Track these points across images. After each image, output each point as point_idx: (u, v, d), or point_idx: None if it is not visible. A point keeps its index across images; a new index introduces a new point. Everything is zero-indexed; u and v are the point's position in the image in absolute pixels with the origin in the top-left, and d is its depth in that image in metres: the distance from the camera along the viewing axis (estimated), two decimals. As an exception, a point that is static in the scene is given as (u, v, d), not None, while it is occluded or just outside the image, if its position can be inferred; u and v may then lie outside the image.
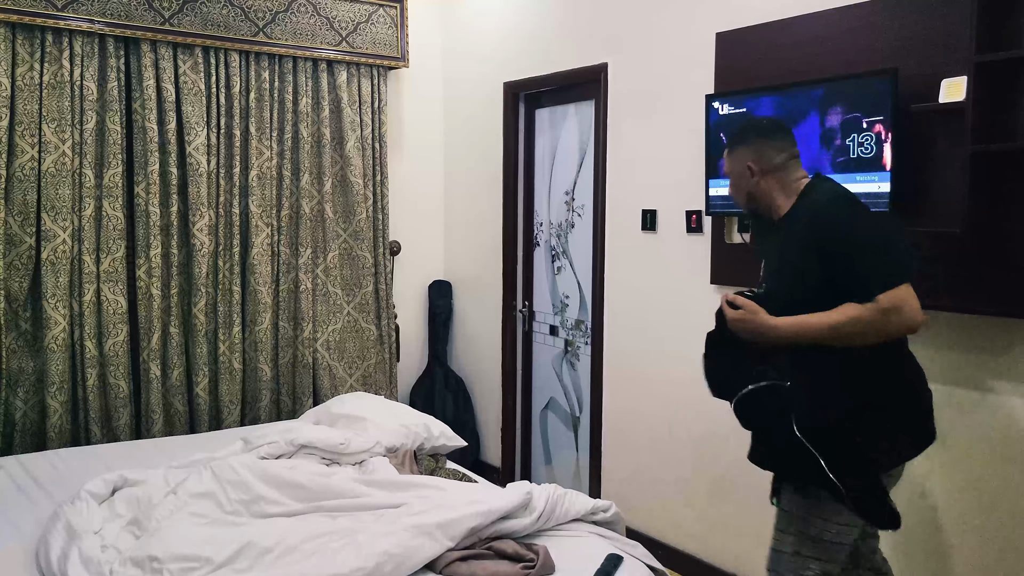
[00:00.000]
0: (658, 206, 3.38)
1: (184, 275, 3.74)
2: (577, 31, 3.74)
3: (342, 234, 4.14)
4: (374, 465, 2.83)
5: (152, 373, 3.62)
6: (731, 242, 3.09)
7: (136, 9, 3.48)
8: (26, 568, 2.20)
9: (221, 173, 3.78)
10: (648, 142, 3.41)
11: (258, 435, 3.00)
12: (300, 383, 4.02)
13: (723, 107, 2.90)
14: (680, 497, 3.36)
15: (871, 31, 2.59)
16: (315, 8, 3.94)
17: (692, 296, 3.25)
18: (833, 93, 2.57)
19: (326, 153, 4.04)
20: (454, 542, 2.22)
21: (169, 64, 3.61)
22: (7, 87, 3.27)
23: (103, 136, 3.51)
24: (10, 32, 3.27)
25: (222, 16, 3.69)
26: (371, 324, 4.22)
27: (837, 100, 2.56)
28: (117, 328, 3.54)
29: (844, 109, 2.55)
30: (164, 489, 2.57)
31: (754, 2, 2.95)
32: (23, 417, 3.41)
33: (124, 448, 3.26)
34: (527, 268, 4.25)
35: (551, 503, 2.43)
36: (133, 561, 2.10)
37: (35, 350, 3.43)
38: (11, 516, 2.53)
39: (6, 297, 3.33)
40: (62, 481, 2.80)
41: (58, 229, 3.39)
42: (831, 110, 2.58)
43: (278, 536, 2.23)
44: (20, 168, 3.31)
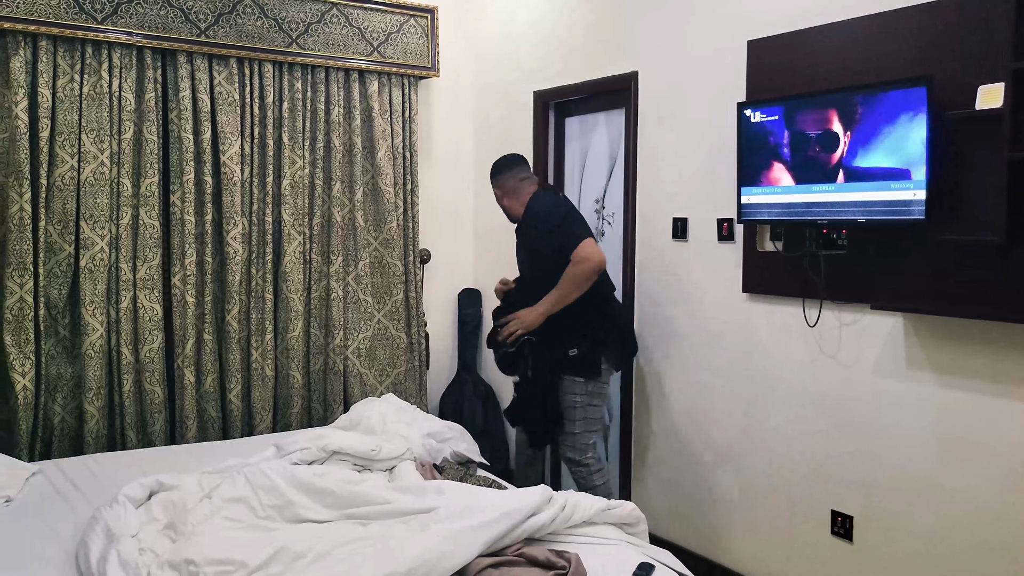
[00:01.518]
0: (689, 214, 3.38)
1: (218, 283, 3.79)
2: (607, 40, 3.74)
3: (373, 242, 4.17)
4: (402, 471, 2.85)
5: (186, 379, 3.67)
6: (763, 250, 3.08)
7: (173, 22, 3.54)
8: (66, 570, 2.24)
9: (254, 182, 3.83)
10: (679, 150, 3.41)
11: (290, 441, 3.02)
12: (331, 390, 4.05)
13: (755, 115, 2.89)
14: (708, 506, 3.34)
15: (905, 38, 2.57)
16: (347, 19, 3.99)
17: (723, 305, 3.24)
18: (866, 100, 2.56)
19: (357, 162, 4.07)
20: (485, 547, 2.22)
21: (205, 75, 3.67)
22: (48, 98, 3.34)
23: (140, 146, 3.57)
24: (51, 45, 3.35)
25: (256, 28, 3.74)
26: (401, 332, 4.25)
27: (870, 107, 2.54)
28: (153, 335, 3.59)
29: (878, 116, 2.53)
30: (199, 494, 2.60)
31: (786, 10, 2.95)
32: (61, 422, 3.47)
33: (159, 453, 3.30)
34: (556, 276, 4.24)
35: (571, 499, 2.44)
36: (170, 564, 2.13)
37: (73, 356, 3.49)
38: (50, 519, 2.57)
39: (46, 304, 3.40)
40: (99, 485, 2.84)
41: (96, 237, 3.46)
42: (864, 117, 2.57)
43: (310, 541, 2.25)
44: (60, 177, 3.38)
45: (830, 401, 2.89)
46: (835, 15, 2.78)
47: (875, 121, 2.54)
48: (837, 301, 2.83)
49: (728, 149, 3.11)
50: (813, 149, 2.73)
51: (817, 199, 2.72)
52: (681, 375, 3.44)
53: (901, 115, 2.47)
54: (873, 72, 2.64)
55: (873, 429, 2.76)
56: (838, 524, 2.87)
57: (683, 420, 3.44)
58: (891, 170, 2.52)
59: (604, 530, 2.46)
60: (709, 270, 3.30)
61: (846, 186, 2.64)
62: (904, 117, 2.46)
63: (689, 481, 3.43)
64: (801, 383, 2.98)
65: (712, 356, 3.30)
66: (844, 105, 2.62)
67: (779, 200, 2.84)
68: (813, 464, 2.95)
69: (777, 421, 3.07)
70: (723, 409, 3.27)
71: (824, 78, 2.79)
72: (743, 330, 3.18)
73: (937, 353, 2.57)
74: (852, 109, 2.60)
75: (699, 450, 3.38)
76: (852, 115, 2.60)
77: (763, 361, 3.11)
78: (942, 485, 2.57)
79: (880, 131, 2.53)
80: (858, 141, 2.60)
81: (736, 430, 3.22)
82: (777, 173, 2.85)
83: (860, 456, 2.80)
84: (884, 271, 2.66)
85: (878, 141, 2.54)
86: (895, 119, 2.49)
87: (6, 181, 3.29)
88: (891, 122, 2.50)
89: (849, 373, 2.82)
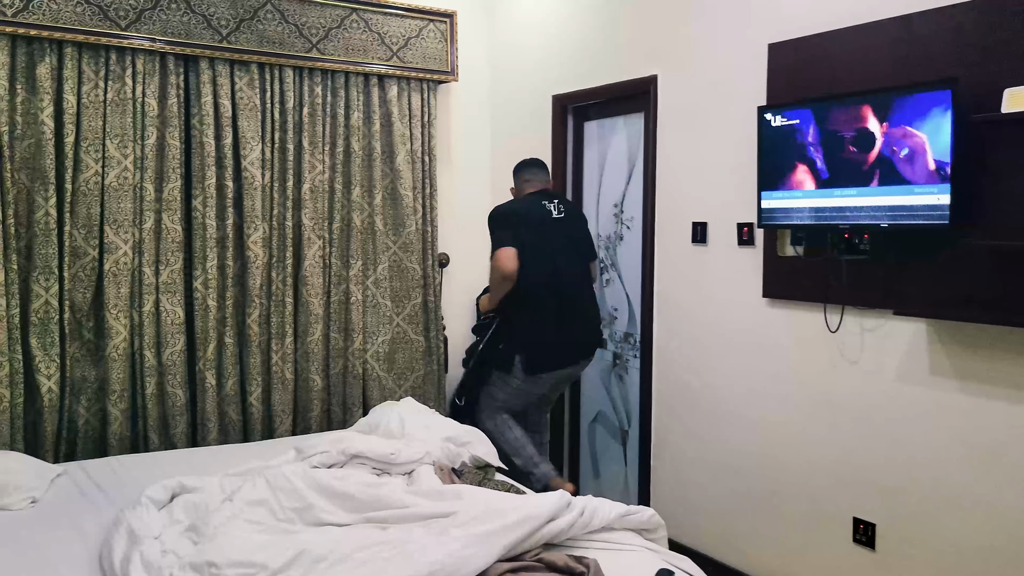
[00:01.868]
0: (708, 218, 3.37)
1: (239, 286, 3.82)
2: (626, 44, 3.74)
3: (392, 246, 4.19)
4: (421, 475, 2.85)
5: (208, 382, 3.70)
6: (784, 255, 3.06)
7: (195, 28, 3.58)
8: (90, 570, 2.27)
9: (275, 187, 3.86)
10: (698, 154, 3.40)
11: (310, 444, 3.04)
12: (350, 393, 4.07)
13: (776, 118, 2.88)
14: (729, 513, 3.33)
15: (928, 41, 2.55)
16: (367, 24, 4.01)
17: (743, 309, 3.22)
18: (889, 104, 2.54)
19: (376, 166, 4.09)
20: (504, 551, 2.22)
21: (226, 81, 3.70)
22: (73, 104, 3.38)
23: (163, 151, 3.61)
24: (76, 51, 3.39)
25: (277, 33, 3.77)
26: (420, 335, 4.26)
27: (894, 111, 2.53)
28: (175, 338, 3.63)
29: (901, 120, 2.51)
30: (220, 496, 2.62)
31: (807, 13, 2.93)
32: (85, 424, 3.51)
33: (181, 455, 3.33)
34: (575, 280, 4.24)
35: (590, 504, 2.44)
36: (192, 566, 2.15)
37: (97, 359, 3.53)
38: (75, 519, 2.60)
39: (71, 307, 3.44)
40: (123, 487, 2.87)
41: (120, 241, 3.49)
42: (887, 121, 2.55)
43: (331, 545, 2.26)
44: (85, 183, 3.42)
45: (852, 407, 2.87)
46: (857, 18, 2.76)
47: (898, 124, 2.52)
48: (859, 306, 2.81)
49: (748, 153, 3.10)
50: (835, 153, 2.71)
51: (839, 203, 2.71)
52: (700, 380, 3.43)
53: (925, 118, 2.45)
54: (896, 75, 2.62)
55: (896, 436, 2.74)
56: (860, 532, 2.85)
57: (703, 425, 3.43)
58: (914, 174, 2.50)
59: (623, 536, 2.45)
60: (729, 275, 3.29)
61: (868, 190, 2.62)
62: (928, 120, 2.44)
63: (708, 487, 3.42)
64: (822, 389, 2.96)
65: (732, 361, 3.29)
66: (867, 109, 2.60)
67: (800, 204, 2.83)
68: (835, 471, 2.93)
69: (798, 427, 3.05)
70: (743, 414, 3.25)
71: (846, 82, 2.77)
72: (763, 335, 3.16)
73: (961, 360, 2.55)
74: (874, 112, 2.58)
75: (718, 455, 3.37)
76: (874, 118, 2.58)
77: (784, 366, 3.09)
78: (966, 493, 2.55)
79: (903, 134, 2.51)
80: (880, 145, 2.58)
81: (756, 435, 3.20)
82: (798, 177, 2.83)
83: (883, 463, 2.78)
84: (907, 276, 2.64)
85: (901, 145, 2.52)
86: (918, 122, 2.47)
87: (32, 186, 3.34)
88: (914, 125, 2.48)
89: (871, 379, 2.80)
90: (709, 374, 3.39)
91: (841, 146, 2.69)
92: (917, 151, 2.48)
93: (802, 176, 2.82)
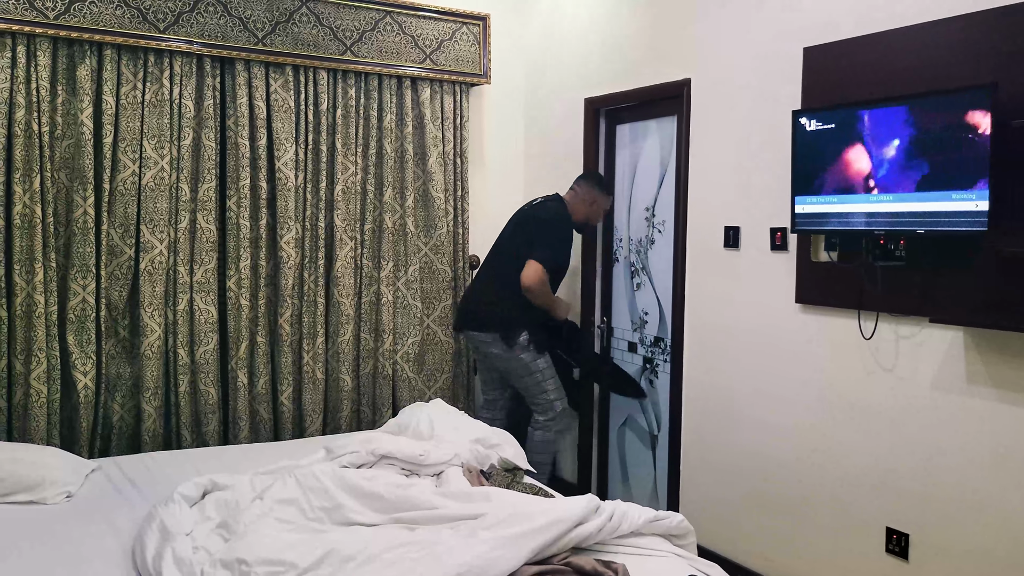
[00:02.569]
0: (741, 223, 3.34)
1: (271, 286, 3.86)
2: (659, 47, 3.73)
3: (423, 248, 4.21)
4: (449, 476, 2.86)
5: (240, 381, 3.74)
6: (817, 260, 3.03)
7: (232, 30, 3.62)
8: (123, 565, 2.30)
9: (308, 188, 3.89)
10: (731, 158, 3.37)
11: (340, 444, 3.06)
12: (380, 394, 4.09)
13: (811, 123, 2.85)
14: (759, 520, 3.29)
15: (967, 45, 2.51)
16: (400, 27, 4.04)
17: (776, 315, 3.19)
18: (927, 108, 2.50)
19: (409, 168, 4.11)
20: (532, 554, 2.22)
21: (261, 83, 3.74)
22: (112, 105, 3.44)
23: (199, 152, 3.65)
24: (116, 53, 3.45)
25: (312, 36, 3.81)
26: (449, 337, 4.27)
27: (931, 115, 2.49)
28: (208, 337, 3.67)
29: (939, 125, 2.47)
30: (251, 494, 2.64)
31: (844, 16, 2.90)
32: (120, 420, 3.56)
33: (213, 453, 3.37)
34: (606, 284, 4.24)
35: (619, 509, 2.43)
36: (223, 563, 2.17)
37: (132, 356, 3.59)
38: (109, 514, 2.64)
39: (107, 305, 3.50)
40: (155, 483, 2.91)
41: (155, 241, 3.55)
42: (924, 125, 2.51)
43: (359, 545, 2.27)
44: (122, 182, 3.48)
45: (886, 415, 2.83)
46: (893, 22, 2.73)
47: (935, 129, 2.48)
48: (894, 313, 2.76)
49: (782, 157, 3.07)
50: (871, 157, 2.68)
51: (874, 208, 2.67)
52: (731, 386, 3.40)
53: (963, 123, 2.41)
54: (934, 80, 2.58)
55: (931, 445, 2.70)
56: (893, 541, 2.81)
57: (734, 431, 3.40)
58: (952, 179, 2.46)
59: (652, 541, 2.44)
60: (761, 280, 3.26)
61: (905, 195, 2.58)
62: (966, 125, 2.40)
63: (739, 493, 3.39)
64: (856, 396, 2.92)
65: (764, 367, 3.26)
66: (904, 113, 2.56)
67: (835, 209, 2.80)
68: (868, 479, 2.89)
69: (830, 433, 3.01)
70: (774, 420, 3.22)
71: (881, 86, 2.73)
72: (796, 341, 3.13)
73: (998, 368, 2.50)
74: (911, 117, 2.54)
75: (749, 461, 3.33)
76: (911, 123, 2.54)
77: (816, 372, 3.06)
78: (1003, 504, 2.50)
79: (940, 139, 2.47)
80: (917, 150, 2.54)
81: (787, 442, 3.17)
82: (833, 182, 2.80)
83: (917, 472, 2.74)
84: (944, 283, 2.60)
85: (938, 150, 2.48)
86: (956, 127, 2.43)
87: (71, 186, 3.40)
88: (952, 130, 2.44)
89: (906, 387, 2.76)
90: (741, 379, 3.36)
91: (877, 151, 2.65)
92: (954, 156, 2.44)
93: (837, 181, 2.79)
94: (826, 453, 3.03)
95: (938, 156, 2.49)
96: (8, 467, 2.77)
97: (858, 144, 2.71)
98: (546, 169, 4.51)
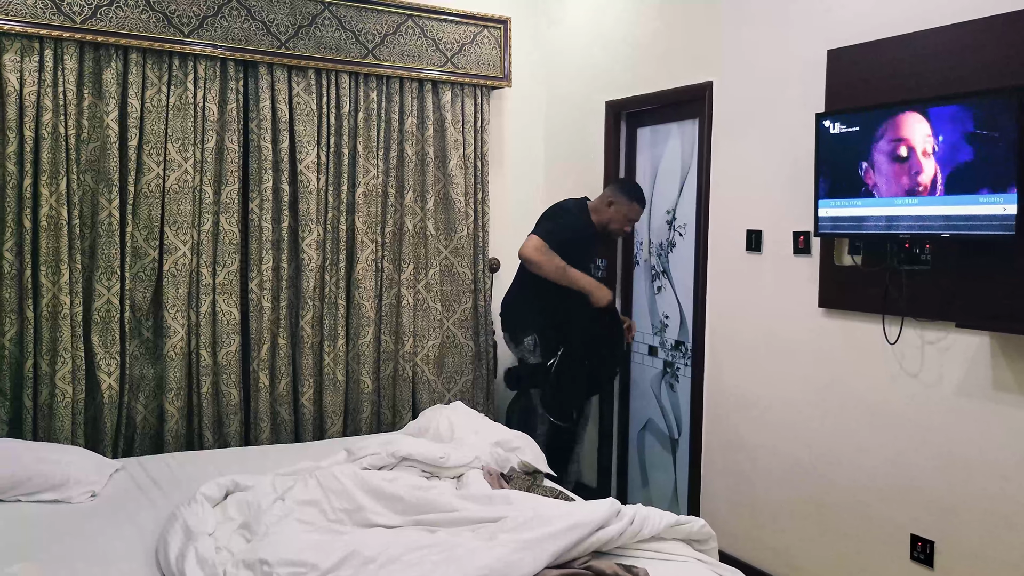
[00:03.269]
0: (763, 226, 3.32)
1: (293, 288, 3.88)
2: (681, 50, 3.71)
3: (443, 251, 4.21)
4: (470, 479, 2.86)
5: (261, 382, 3.76)
6: (841, 264, 3.00)
7: (255, 34, 3.65)
8: (147, 564, 2.32)
9: (329, 190, 3.91)
10: (753, 161, 3.35)
11: (360, 446, 3.07)
12: (400, 396, 4.10)
13: (834, 126, 2.83)
14: (780, 525, 3.27)
15: (995, 47, 2.48)
16: (422, 30, 4.05)
17: (799, 319, 3.17)
18: (952, 111, 2.48)
19: (429, 171, 4.12)
20: (553, 558, 2.21)
21: (284, 86, 3.76)
22: (137, 109, 3.47)
23: (222, 155, 3.68)
24: (141, 57, 3.48)
25: (334, 39, 3.83)
26: (469, 340, 4.27)
27: (958, 119, 2.46)
28: (230, 338, 3.69)
29: (965, 128, 2.45)
30: (272, 495, 2.65)
31: (868, 18, 2.88)
32: (143, 421, 3.59)
33: (234, 454, 3.39)
34: (626, 287, 4.22)
35: (640, 513, 2.41)
36: (245, 563, 2.18)
37: (155, 357, 3.62)
38: (132, 514, 2.67)
39: (131, 307, 3.53)
40: (178, 483, 2.93)
41: (179, 243, 3.58)
42: (951, 129, 2.49)
43: (380, 546, 2.27)
44: (147, 185, 3.51)
45: (911, 421, 2.80)
46: (919, 24, 2.70)
47: (962, 132, 2.46)
48: (919, 318, 2.74)
49: (805, 161, 3.05)
50: (895, 161, 2.65)
51: (899, 212, 2.65)
52: (753, 390, 3.38)
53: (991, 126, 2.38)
54: (961, 82, 2.56)
55: (957, 451, 2.67)
56: (918, 549, 2.78)
57: (755, 435, 3.38)
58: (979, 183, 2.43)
59: (673, 546, 2.42)
60: (784, 284, 3.23)
61: (930, 199, 2.56)
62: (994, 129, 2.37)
63: (760, 498, 3.36)
64: (880, 401, 2.89)
65: (786, 371, 3.23)
66: (929, 117, 2.54)
67: (859, 213, 2.77)
68: (892, 485, 2.86)
69: (854, 439, 2.98)
70: (797, 425, 3.20)
71: (906, 89, 2.71)
72: (819, 345, 3.11)
73: (1026, 374, 2.47)
74: (937, 120, 2.52)
75: (771, 466, 3.31)
76: (937, 126, 2.52)
77: (840, 377, 3.03)
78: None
79: (967, 143, 2.45)
80: (945, 154, 2.51)
81: (810, 447, 3.14)
82: (857, 185, 2.78)
83: (943, 479, 2.71)
84: (971, 288, 2.57)
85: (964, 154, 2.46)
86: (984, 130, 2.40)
87: (97, 188, 3.44)
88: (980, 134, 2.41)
89: (931, 393, 2.73)
90: (762, 384, 3.34)
91: (901, 154, 2.63)
92: (981, 160, 2.42)
93: (861, 184, 2.76)
94: (849, 458, 3.01)
95: (965, 160, 2.46)
96: (34, 466, 2.80)
97: (882, 147, 2.69)
98: (566, 172, 4.51)
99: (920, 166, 2.58)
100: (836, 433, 3.05)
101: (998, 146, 2.37)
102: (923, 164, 2.57)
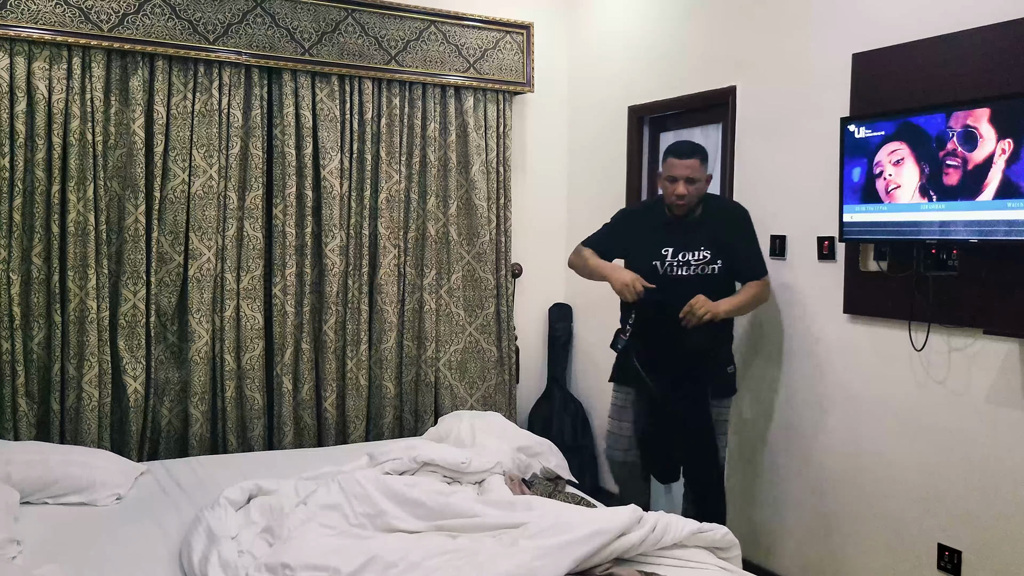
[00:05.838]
0: (787, 232, 3.29)
1: (316, 293, 3.90)
2: (705, 54, 3.69)
3: (466, 256, 4.22)
4: (491, 485, 2.85)
5: (284, 387, 3.79)
6: (866, 270, 2.97)
7: (279, 41, 3.68)
8: (171, 567, 2.34)
9: (352, 196, 3.93)
10: (777, 166, 3.33)
11: (383, 451, 3.07)
12: (422, 401, 4.10)
13: (859, 130, 2.80)
14: (804, 533, 3.23)
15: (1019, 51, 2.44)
16: (445, 36, 4.06)
17: (824, 325, 3.14)
18: (979, 115, 2.44)
19: (452, 177, 4.13)
20: (574, 564, 2.20)
21: (307, 92, 3.79)
22: (163, 115, 3.51)
23: (246, 161, 3.71)
24: (167, 64, 3.52)
25: (357, 46, 3.85)
26: (492, 345, 4.27)
27: (983, 122, 2.43)
28: (254, 343, 3.72)
29: (992, 132, 2.41)
30: (295, 499, 2.67)
31: (894, 22, 2.85)
32: (168, 424, 3.62)
33: (258, 458, 3.41)
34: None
35: (662, 520, 2.39)
36: (267, 567, 2.19)
37: (180, 362, 3.65)
38: (157, 517, 2.69)
39: (156, 311, 3.56)
40: (202, 486, 2.96)
41: (204, 248, 3.61)
42: (976, 133, 2.45)
43: (402, 552, 2.27)
44: (172, 191, 3.55)
45: (938, 428, 2.76)
46: (945, 27, 2.67)
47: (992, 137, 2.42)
48: (946, 325, 2.70)
49: (830, 165, 3.02)
50: (921, 165, 2.62)
51: (925, 217, 2.62)
52: (777, 397, 3.35)
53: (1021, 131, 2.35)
54: (990, 86, 2.52)
55: (985, 459, 2.62)
56: (945, 559, 2.73)
57: (779, 442, 3.35)
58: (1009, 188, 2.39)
59: (695, 553, 2.40)
60: (809, 289, 3.20)
61: (957, 204, 2.52)
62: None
63: (784, 506, 3.33)
64: (907, 408, 2.86)
65: (811, 378, 3.20)
66: (956, 120, 2.51)
67: (884, 218, 2.74)
68: (919, 494, 2.82)
69: (881, 447, 2.95)
70: (822, 433, 3.16)
71: (931, 93, 2.68)
72: (845, 352, 3.07)
73: (1057, 382, 2.43)
74: (965, 124, 2.48)
75: (795, 474, 3.28)
76: (965, 130, 2.48)
77: (866, 384, 2.99)
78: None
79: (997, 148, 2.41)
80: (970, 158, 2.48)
81: (836, 455, 3.11)
82: (882, 190, 2.74)
83: (970, 487, 2.67)
84: (999, 294, 2.53)
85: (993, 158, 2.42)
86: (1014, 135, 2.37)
87: (123, 194, 3.48)
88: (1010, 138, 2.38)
89: (959, 400, 2.69)
90: (786, 390, 3.31)
91: (928, 158, 2.60)
92: (1011, 164, 2.38)
93: (886, 189, 2.73)
94: (875, 466, 2.97)
95: (992, 164, 2.42)
96: (61, 469, 2.83)
97: (908, 151, 2.66)
98: (589, 177, 4.50)
99: (946, 170, 2.55)
100: (864, 440, 3.01)
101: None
102: (949, 169, 2.54)
